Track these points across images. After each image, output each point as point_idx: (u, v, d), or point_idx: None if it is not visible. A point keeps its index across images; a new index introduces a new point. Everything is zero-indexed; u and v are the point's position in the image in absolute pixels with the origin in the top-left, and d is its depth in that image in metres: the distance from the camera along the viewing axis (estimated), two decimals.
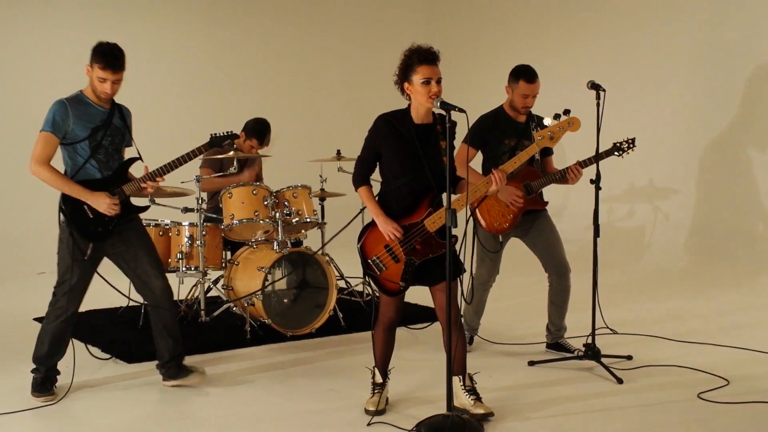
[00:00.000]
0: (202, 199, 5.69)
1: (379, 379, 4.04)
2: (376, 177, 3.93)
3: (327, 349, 5.29)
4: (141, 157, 4.35)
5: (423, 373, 4.62)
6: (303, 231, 6.13)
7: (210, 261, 5.76)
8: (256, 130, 6.23)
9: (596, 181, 4.65)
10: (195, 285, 5.97)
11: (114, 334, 5.58)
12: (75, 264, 4.14)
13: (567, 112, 4.06)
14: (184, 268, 5.64)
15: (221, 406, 4.15)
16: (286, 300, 5.65)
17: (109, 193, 4.16)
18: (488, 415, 3.81)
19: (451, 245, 3.63)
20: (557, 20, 9.36)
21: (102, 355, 5.06)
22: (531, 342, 5.25)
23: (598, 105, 4.55)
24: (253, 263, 5.54)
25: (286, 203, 5.78)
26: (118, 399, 4.29)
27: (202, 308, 5.71)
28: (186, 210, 5.74)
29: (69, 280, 4.17)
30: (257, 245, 5.75)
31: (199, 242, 5.63)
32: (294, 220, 5.80)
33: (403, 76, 3.79)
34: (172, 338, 4.42)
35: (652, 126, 8.17)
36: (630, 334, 5.46)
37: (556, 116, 4.05)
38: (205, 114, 9.36)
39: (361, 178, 3.91)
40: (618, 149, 4.82)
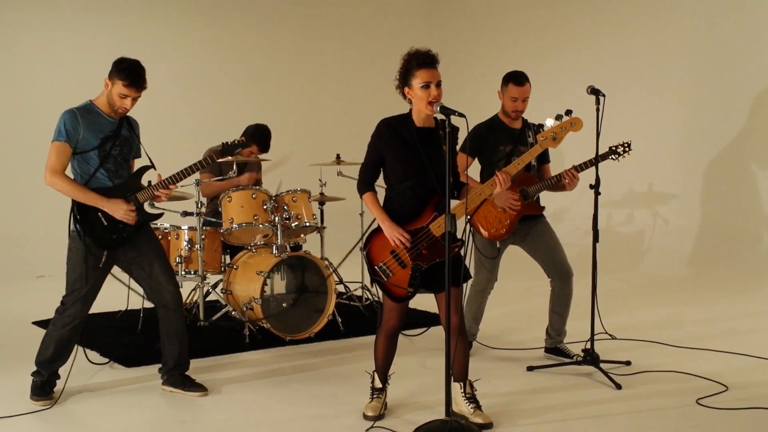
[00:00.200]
0: (201, 203, 5.69)
1: (378, 384, 4.03)
2: (381, 183, 3.93)
3: (326, 353, 5.28)
4: (154, 165, 4.36)
5: (422, 378, 4.61)
6: (302, 235, 6.13)
7: (209, 265, 5.76)
8: (256, 136, 6.24)
9: (595, 187, 4.65)
10: (194, 289, 5.97)
11: (112, 338, 5.57)
12: (88, 272, 4.14)
13: (569, 112, 4.05)
14: (183, 272, 5.64)
15: (220, 411, 4.14)
16: (285, 304, 5.65)
17: (125, 200, 4.18)
18: (487, 426, 3.80)
19: (457, 249, 3.63)
20: (556, 25, 9.38)
21: (100, 359, 5.05)
22: (530, 347, 5.25)
23: (597, 110, 4.55)
24: (252, 267, 5.54)
25: (285, 207, 5.78)
26: (117, 403, 4.29)
27: (201, 312, 5.71)
28: (185, 214, 5.74)
29: (80, 288, 4.17)
30: (256, 249, 5.75)
31: (198, 246, 5.63)
32: (293, 225, 5.80)
33: (403, 80, 3.78)
34: (180, 345, 4.42)
35: (651, 131, 8.18)
36: (629, 340, 5.46)
37: (558, 117, 4.05)
38: (204, 118, 9.38)
39: (365, 185, 3.90)
40: (614, 153, 4.82)
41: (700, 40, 7.90)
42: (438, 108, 3.64)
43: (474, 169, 4.83)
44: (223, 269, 5.89)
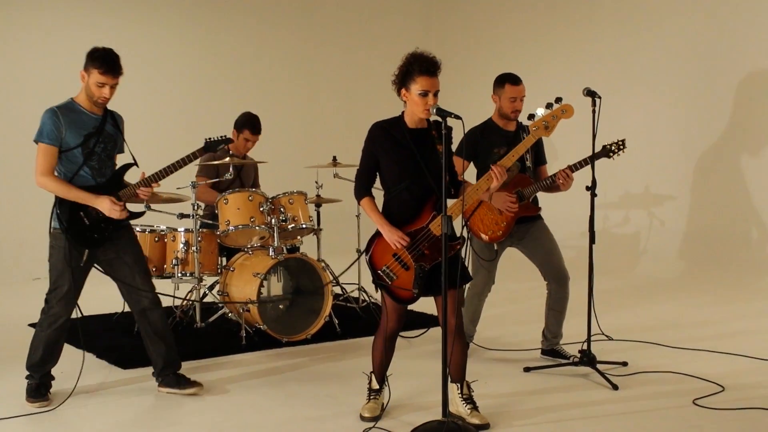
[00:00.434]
0: (198, 205, 5.69)
1: (375, 386, 4.03)
2: (378, 186, 3.93)
3: (322, 355, 5.28)
4: (137, 163, 4.35)
5: (419, 379, 4.61)
6: (299, 237, 6.13)
7: (206, 267, 5.76)
8: (245, 120, 6.22)
9: (592, 188, 4.66)
10: (191, 291, 5.97)
11: (109, 340, 5.56)
12: (69, 270, 4.14)
13: (559, 100, 4.05)
14: (180, 274, 5.64)
15: (216, 412, 4.14)
16: (281, 306, 5.65)
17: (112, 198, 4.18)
18: (483, 427, 3.80)
19: (459, 247, 3.63)
20: (552, 27, 9.40)
21: (97, 361, 5.04)
22: (526, 348, 5.25)
23: (593, 112, 4.56)
24: (248, 269, 5.53)
25: (282, 209, 5.78)
26: (113, 405, 4.28)
27: (198, 314, 5.71)
28: (182, 216, 5.74)
29: (62, 285, 4.18)
30: (253, 251, 5.75)
31: (194, 248, 5.63)
32: (290, 227, 5.79)
33: (402, 81, 3.76)
34: (163, 343, 4.41)
35: (647, 133, 8.20)
36: (625, 341, 5.46)
37: (549, 105, 4.05)
38: (199, 119, 9.35)
39: (362, 190, 3.89)
40: (609, 151, 4.81)
41: (696, 43, 7.92)
42: (435, 110, 3.63)
43: (470, 174, 4.84)
44: (219, 271, 5.89)
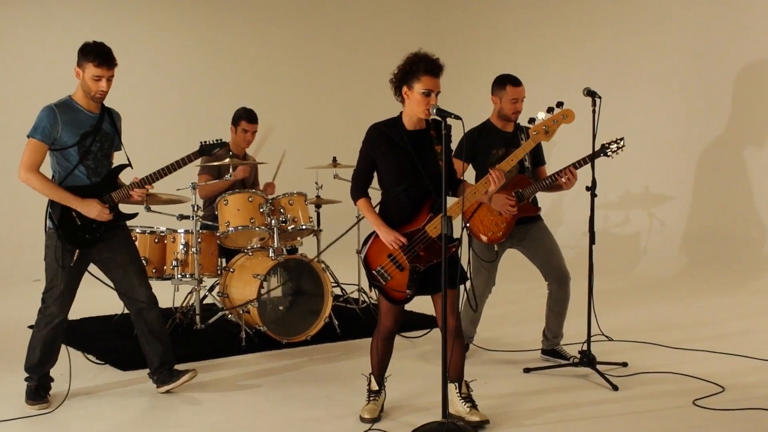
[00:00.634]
0: (197, 206, 5.69)
1: (374, 387, 4.03)
2: (375, 186, 3.93)
3: (322, 356, 5.28)
4: (131, 164, 4.34)
5: (419, 380, 4.61)
6: (299, 238, 6.13)
7: (205, 268, 5.75)
8: (240, 112, 6.26)
9: (592, 188, 4.65)
10: (190, 292, 5.96)
11: (108, 342, 5.56)
12: (62, 271, 4.14)
13: (560, 104, 4.04)
14: (180, 276, 5.63)
15: (216, 413, 4.13)
16: (281, 307, 5.64)
17: (100, 201, 4.16)
18: (483, 423, 3.81)
19: (455, 249, 3.63)
20: (552, 27, 9.40)
21: (96, 362, 5.04)
22: (526, 349, 5.25)
23: (593, 112, 4.56)
24: (248, 270, 5.53)
25: (281, 210, 5.78)
26: (112, 406, 4.27)
27: (198, 315, 5.70)
28: (182, 217, 5.73)
29: (57, 285, 4.17)
30: (253, 252, 5.74)
31: (194, 249, 5.62)
32: (290, 228, 5.79)
33: (403, 79, 3.75)
34: (159, 342, 4.41)
35: (647, 132, 8.20)
36: (625, 341, 5.46)
37: (550, 110, 4.04)
38: (198, 120, 9.36)
39: (359, 191, 3.90)
40: (607, 149, 4.79)
41: (697, 42, 7.91)
42: (434, 110, 3.63)
43: (469, 175, 4.84)
44: (219, 272, 5.89)
